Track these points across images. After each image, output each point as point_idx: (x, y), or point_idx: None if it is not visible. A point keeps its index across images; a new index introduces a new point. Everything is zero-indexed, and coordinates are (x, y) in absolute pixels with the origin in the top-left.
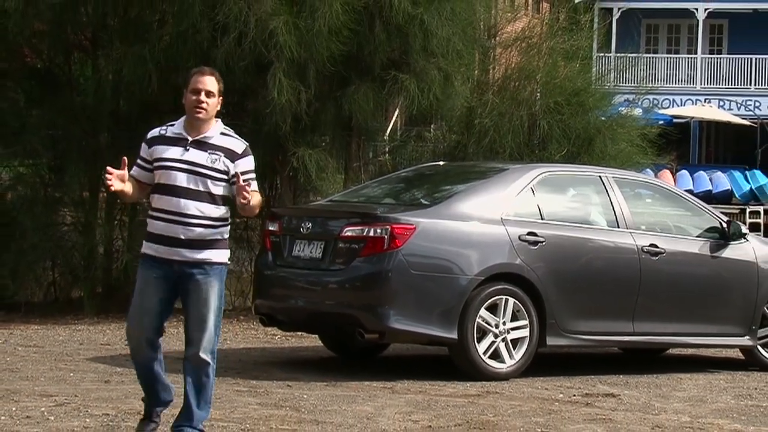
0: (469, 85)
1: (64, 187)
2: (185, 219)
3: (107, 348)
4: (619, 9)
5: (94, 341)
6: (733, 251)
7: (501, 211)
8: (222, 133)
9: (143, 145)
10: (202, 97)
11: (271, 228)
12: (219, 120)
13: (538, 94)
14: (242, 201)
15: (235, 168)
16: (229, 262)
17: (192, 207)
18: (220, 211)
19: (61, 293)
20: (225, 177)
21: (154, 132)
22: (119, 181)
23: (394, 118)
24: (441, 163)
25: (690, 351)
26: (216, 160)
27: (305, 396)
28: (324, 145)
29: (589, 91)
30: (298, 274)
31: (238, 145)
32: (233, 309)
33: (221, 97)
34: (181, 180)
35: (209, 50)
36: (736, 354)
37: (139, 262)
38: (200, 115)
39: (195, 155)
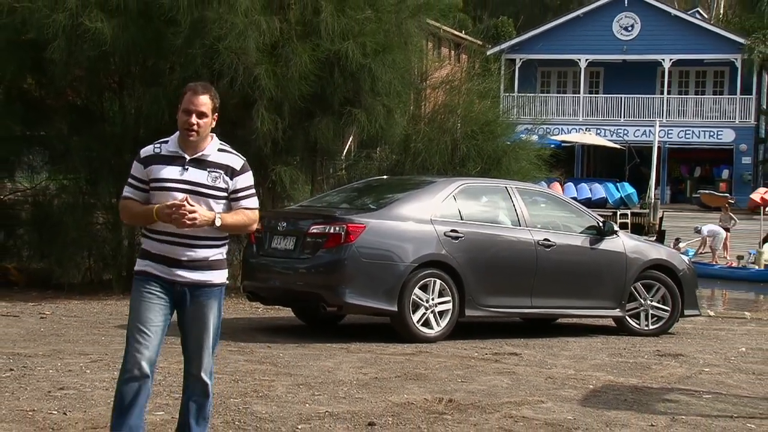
0: (406, 118)
1: (97, 196)
2: (188, 240)
3: None
4: (520, 59)
5: (120, 313)
6: (607, 244)
7: (430, 214)
8: (220, 150)
9: (136, 164)
10: (193, 119)
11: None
12: (215, 136)
13: (459, 125)
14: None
15: (234, 185)
16: (227, 282)
17: (195, 228)
18: (221, 230)
19: (95, 276)
20: (225, 195)
21: (148, 150)
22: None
23: (348, 142)
24: (385, 177)
25: (574, 320)
26: (217, 178)
27: (281, 354)
28: (295, 163)
29: (498, 122)
30: (275, 261)
31: (237, 161)
32: (227, 288)
33: (216, 114)
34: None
35: None
36: (610, 322)
37: (134, 281)
38: (191, 138)
39: (195, 174)
